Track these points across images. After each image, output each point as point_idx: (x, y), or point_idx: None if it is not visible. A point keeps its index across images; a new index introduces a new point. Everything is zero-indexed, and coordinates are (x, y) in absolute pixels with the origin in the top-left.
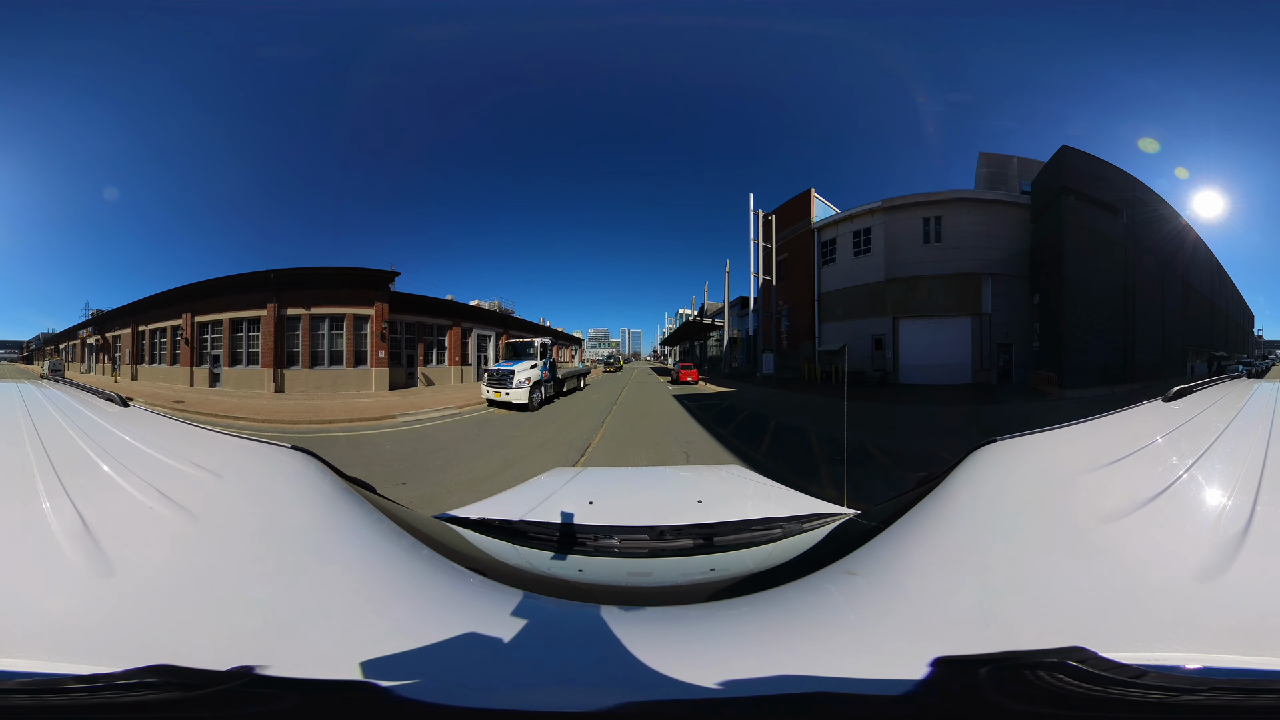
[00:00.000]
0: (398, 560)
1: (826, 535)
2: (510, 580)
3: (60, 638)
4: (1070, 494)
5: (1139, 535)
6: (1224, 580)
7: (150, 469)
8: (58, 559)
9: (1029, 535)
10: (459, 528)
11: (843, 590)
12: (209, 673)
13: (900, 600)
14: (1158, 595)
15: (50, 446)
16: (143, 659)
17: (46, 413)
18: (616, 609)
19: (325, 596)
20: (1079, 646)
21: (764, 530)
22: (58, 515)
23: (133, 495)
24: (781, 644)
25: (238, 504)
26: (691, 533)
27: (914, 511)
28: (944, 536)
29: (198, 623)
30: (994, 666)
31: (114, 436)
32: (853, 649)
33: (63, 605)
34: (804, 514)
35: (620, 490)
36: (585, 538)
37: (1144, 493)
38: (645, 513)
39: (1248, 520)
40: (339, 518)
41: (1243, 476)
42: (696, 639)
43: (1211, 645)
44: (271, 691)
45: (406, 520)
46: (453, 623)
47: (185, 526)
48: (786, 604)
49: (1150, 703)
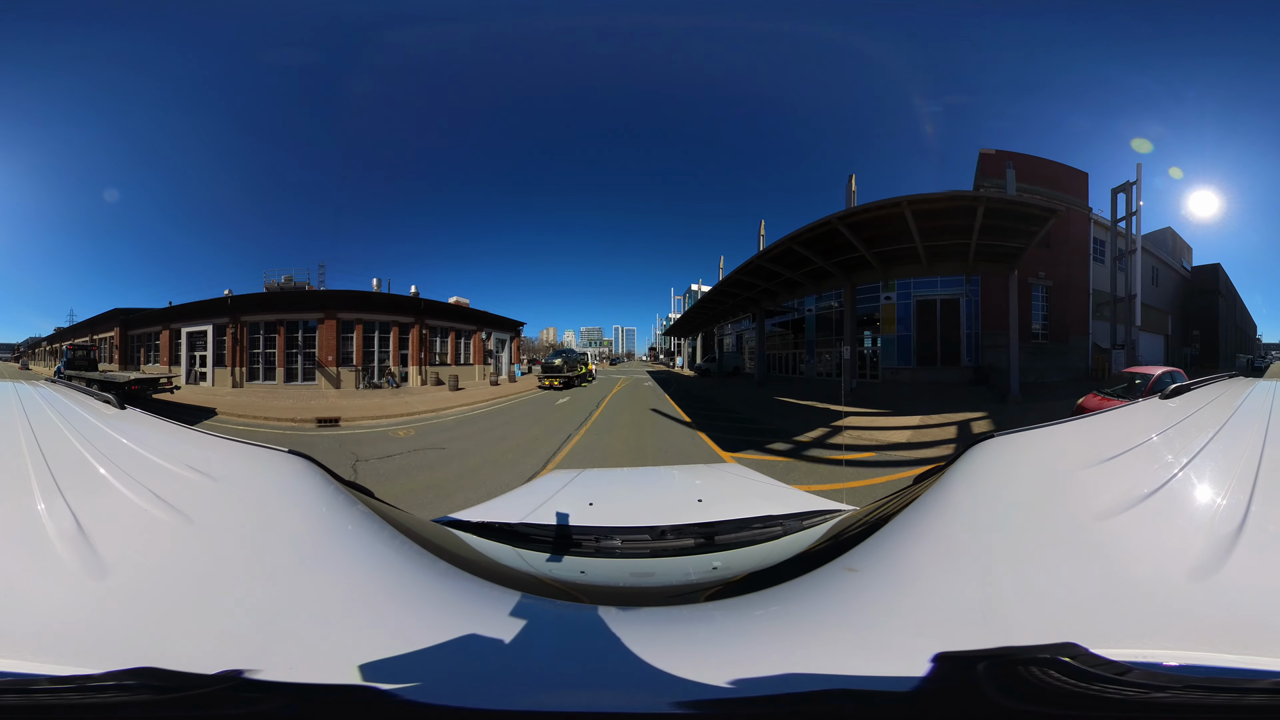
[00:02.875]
0: (395, 564)
1: (827, 532)
2: (512, 583)
3: (52, 639)
4: (1068, 490)
5: (1135, 532)
6: (1217, 578)
7: (146, 471)
8: (52, 560)
9: (1027, 531)
10: (459, 531)
11: (844, 587)
12: (194, 675)
13: (901, 596)
14: (1152, 592)
15: (46, 447)
16: (133, 661)
17: (43, 413)
18: (619, 609)
19: (320, 600)
20: (1071, 643)
21: (764, 528)
22: (52, 516)
23: (128, 497)
24: (784, 642)
25: (233, 507)
26: (692, 532)
27: (913, 507)
28: (943, 532)
29: (190, 626)
30: (990, 663)
31: (110, 438)
32: (855, 646)
33: (55, 606)
34: (804, 511)
35: (620, 491)
36: (586, 539)
37: (1141, 489)
38: (646, 513)
39: (1242, 519)
40: (335, 522)
41: (1239, 475)
42: (700, 639)
43: (1203, 643)
44: (260, 695)
45: (405, 524)
46: (452, 625)
47: (180, 529)
48: (789, 602)
49: (1132, 700)
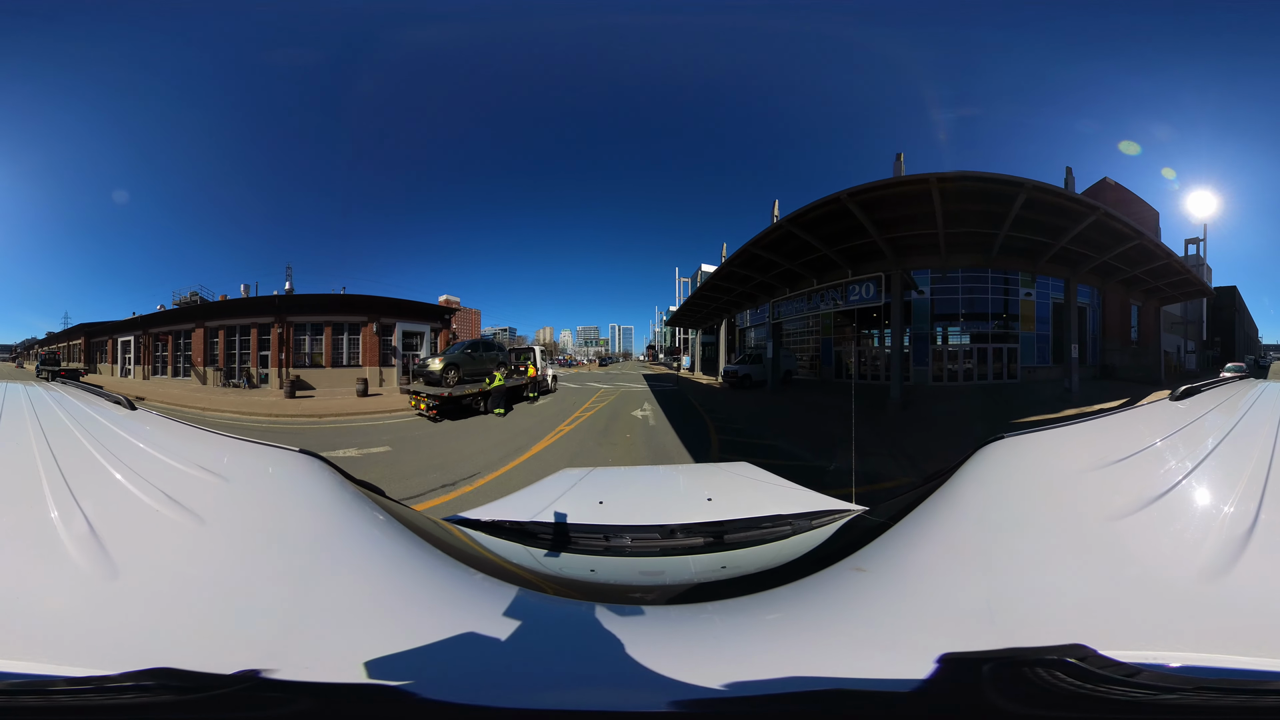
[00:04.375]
0: (408, 563)
1: (836, 532)
2: (523, 581)
3: (65, 640)
4: (1077, 491)
5: (1144, 533)
6: (1227, 581)
7: (157, 472)
8: (64, 562)
9: (1035, 532)
10: (470, 530)
11: (852, 587)
12: (212, 676)
13: (909, 597)
14: (1161, 594)
15: (57, 449)
16: (148, 663)
17: (54, 415)
18: (629, 608)
19: (335, 600)
20: (1079, 644)
21: (774, 527)
22: (64, 519)
23: (140, 499)
24: (793, 642)
25: (245, 508)
26: (702, 531)
27: (922, 508)
28: (951, 533)
29: (204, 626)
30: (996, 664)
31: (121, 439)
32: (863, 646)
33: (68, 608)
34: (813, 510)
35: (630, 490)
36: (596, 537)
37: (1150, 491)
38: (655, 512)
39: (1253, 521)
40: (348, 521)
41: (1249, 477)
42: (707, 638)
43: (1213, 645)
44: (279, 695)
45: (416, 523)
46: (465, 624)
47: (192, 530)
48: (797, 601)
49: (1141, 702)
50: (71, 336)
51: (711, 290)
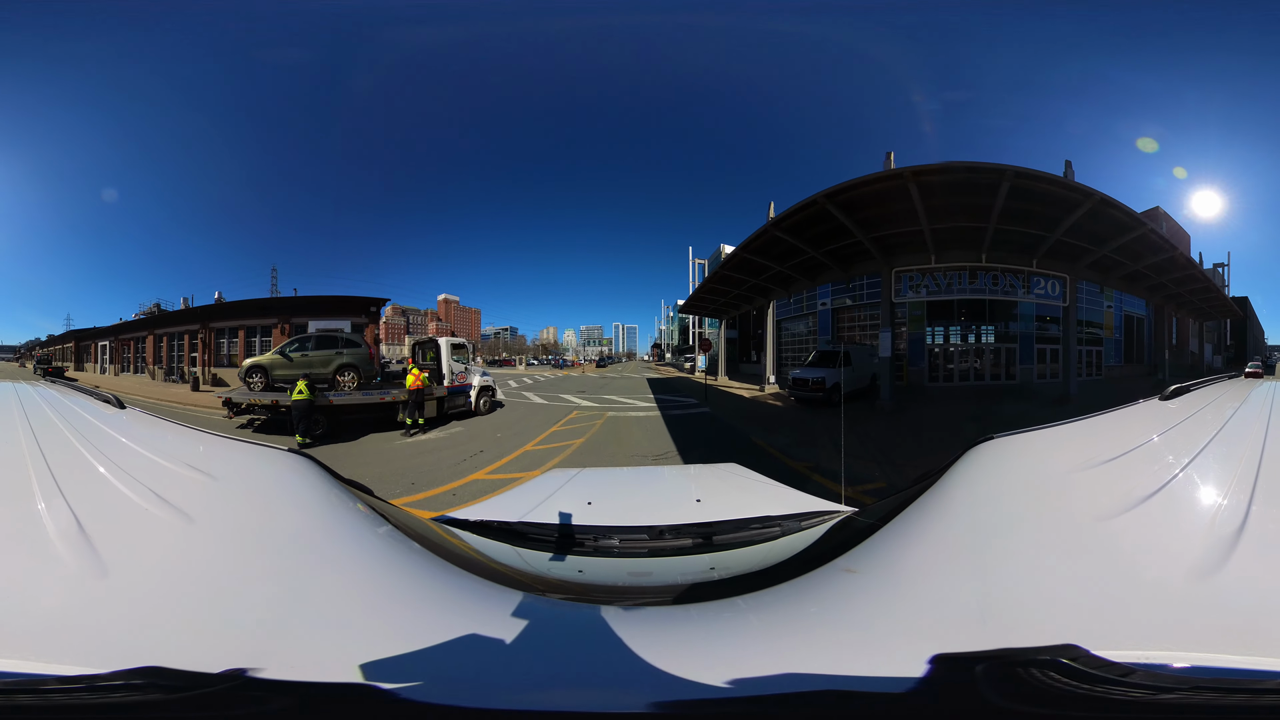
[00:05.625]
0: (395, 562)
1: (825, 533)
2: (510, 582)
3: (53, 638)
4: (1067, 492)
5: (1135, 533)
6: (1218, 580)
7: (146, 471)
8: (52, 560)
9: (1026, 532)
10: (458, 530)
11: (842, 588)
12: (199, 675)
13: (899, 598)
14: (1152, 593)
15: (46, 447)
16: (135, 661)
17: (43, 413)
18: (617, 609)
19: (322, 599)
20: (1072, 644)
21: (763, 529)
22: (53, 516)
23: (128, 497)
24: (783, 642)
25: (233, 506)
26: (690, 532)
27: (912, 509)
28: (942, 533)
29: (192, 625)
30: (989, 664)
31: (110, 438)
32: (854, 646)
33: (56, 606)
34: (803, 512)
35: (619, 490)
36: (585, 538)
37: (1140, 491)
38: (644, 512)
39: (1243, 520)
40: (335, 520)
41: (1239, 476)
42: (697, 638)
43: (1206, 644)
44: (263, 694)
45: (404, 522)
46: (452, 624)
47: (181, 528)
48: (787, 602)
49: (1135, 701)
50: (64, 341)
51: (737, 269)
